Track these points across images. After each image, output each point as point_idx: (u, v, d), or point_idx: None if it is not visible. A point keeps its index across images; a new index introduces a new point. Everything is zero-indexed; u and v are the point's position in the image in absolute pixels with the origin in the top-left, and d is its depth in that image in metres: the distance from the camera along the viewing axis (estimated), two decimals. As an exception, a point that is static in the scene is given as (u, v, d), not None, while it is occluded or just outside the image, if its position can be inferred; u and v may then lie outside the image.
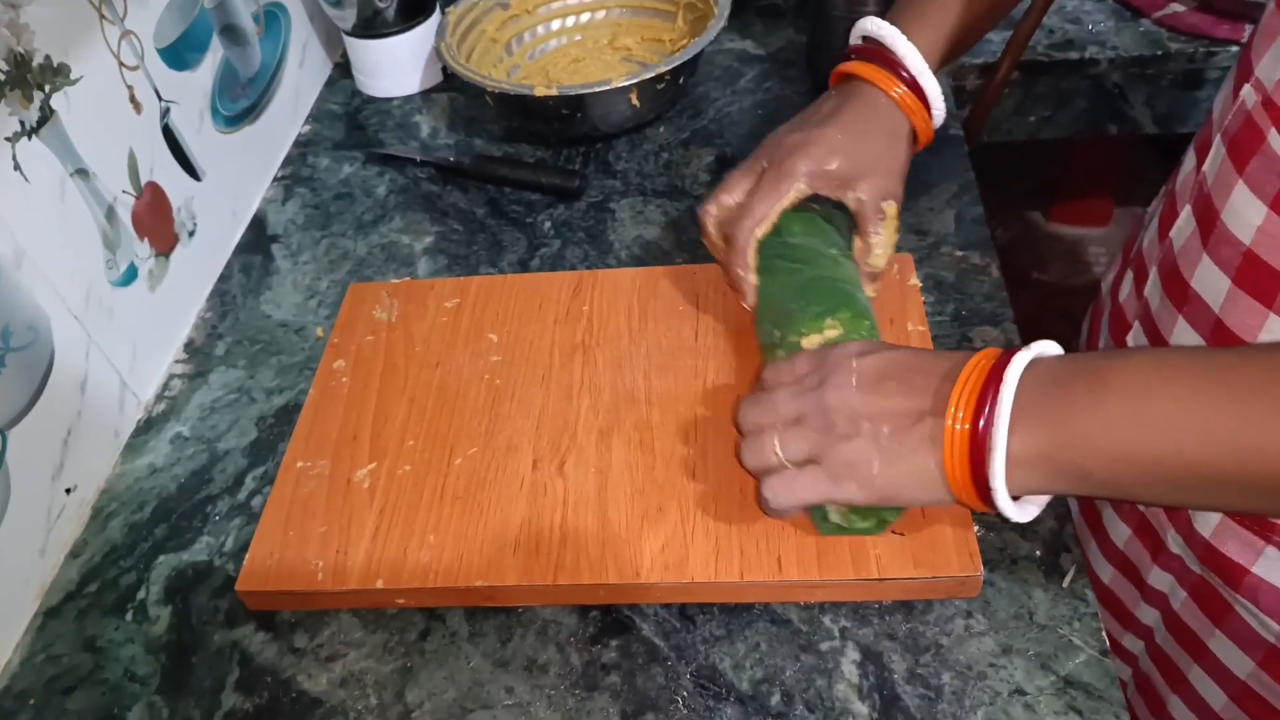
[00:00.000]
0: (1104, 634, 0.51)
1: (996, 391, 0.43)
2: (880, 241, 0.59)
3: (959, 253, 0.72)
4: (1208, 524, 0.55)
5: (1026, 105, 0.96)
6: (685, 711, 0.51)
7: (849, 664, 0.51)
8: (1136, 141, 1.62)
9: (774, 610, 0.54)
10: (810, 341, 0.54)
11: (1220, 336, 0.52)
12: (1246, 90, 0.49)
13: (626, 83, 0.78)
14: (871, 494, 0.47)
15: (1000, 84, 0.88)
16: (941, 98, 0.62)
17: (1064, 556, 0.54)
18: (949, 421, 0.44)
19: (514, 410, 0.62)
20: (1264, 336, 0.49)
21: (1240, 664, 0.58)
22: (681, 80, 0.85)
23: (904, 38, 0.60)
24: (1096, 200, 1.70)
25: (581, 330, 0.66)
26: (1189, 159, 0.58)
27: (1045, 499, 0.47)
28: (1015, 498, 0.45)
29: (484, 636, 0.55)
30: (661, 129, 0.88)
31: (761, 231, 0.59)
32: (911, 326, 0.63)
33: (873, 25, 0.62)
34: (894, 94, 0.61)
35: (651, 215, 0.79)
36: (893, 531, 0.53)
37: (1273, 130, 0.47)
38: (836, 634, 0.53)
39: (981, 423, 0.43)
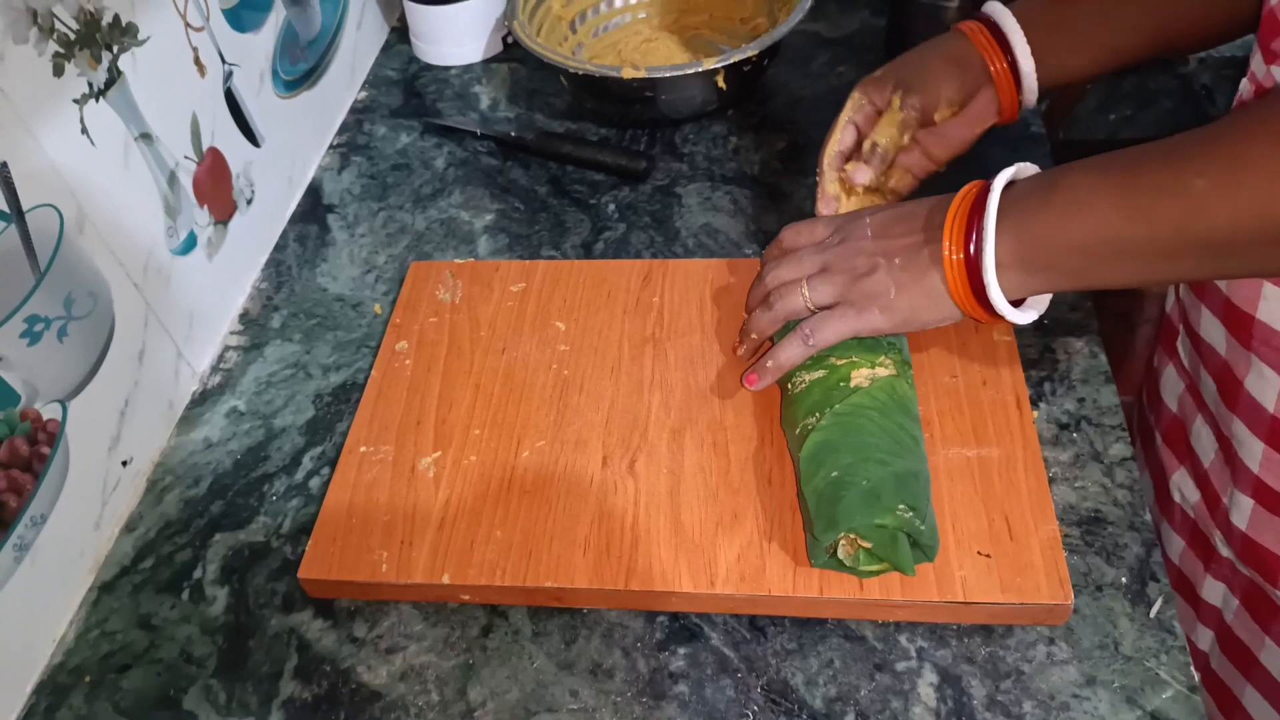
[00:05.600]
0: (1192, 669, 0.50)
1: (981, 218, 0.49)
2: (877, 128, 0.63)
3: (1042, 258, 0.69)
4: (1243, 516, 0.58)
5: (1110, 103, 0.92)
6: (756, 727, 0.49)
7: (926, 686, 0.50)
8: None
9: (848, 626, 0.52)
10: (860, 374, 0.54)
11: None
12: (1243, 84, 0.53)
13: (716, 65, 0.75)
14: (893, 317, 0.53)
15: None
16: (1034, 77, 0.63)
17: (1151, 586, 0.53)
18: (946, 252, 0.50)
19: (583, 403, 0.60)
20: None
21: None
22: (766, 63, 0.82)
23: (1009, 13, 0.62)
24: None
25: (652, 323, 0.64)
26: None
27: (1044, 302, 0.53)
28: (1015, 305, 0.50)
29: (547, 636, 0.53)
30: (730, 112, 0.85)
31: (830, 147, 0.64)
32: (997, 336, 0.60)
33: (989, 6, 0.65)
34: (977, 39, 0.63)
35: (720, 202, 0.77)
36: (979, 553, 0.51)
37: None
38: (913, 654, 0.51)
39: (972, 248, 0.49)
